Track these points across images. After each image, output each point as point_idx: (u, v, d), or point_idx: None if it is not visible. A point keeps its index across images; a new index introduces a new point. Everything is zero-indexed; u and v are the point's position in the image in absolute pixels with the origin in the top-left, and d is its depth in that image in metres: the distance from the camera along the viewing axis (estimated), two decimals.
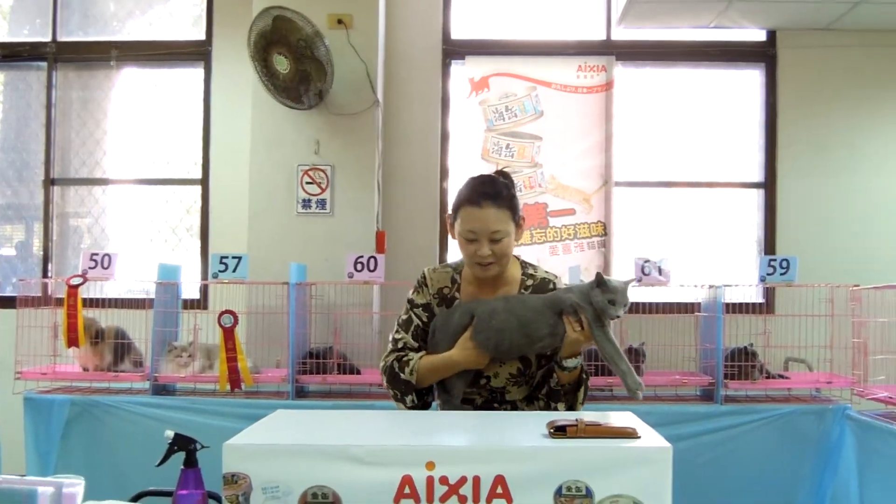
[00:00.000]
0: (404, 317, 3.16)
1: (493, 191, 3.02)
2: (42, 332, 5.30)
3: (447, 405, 2.97)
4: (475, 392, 3.02)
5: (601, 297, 2.75)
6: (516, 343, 2.85)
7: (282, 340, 5.33)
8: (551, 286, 3.12)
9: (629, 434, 1.81)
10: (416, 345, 3.10)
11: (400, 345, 3.09)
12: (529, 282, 3.14)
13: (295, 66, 5.67)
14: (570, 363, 2.85)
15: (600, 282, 2.74)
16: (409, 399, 2.97)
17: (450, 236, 3.18)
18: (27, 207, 7.22)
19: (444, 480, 1.69)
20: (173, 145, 7.09)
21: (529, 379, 3.05)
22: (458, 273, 3.18)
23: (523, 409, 3.03)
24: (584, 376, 2.98)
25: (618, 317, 2.76)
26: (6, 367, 5.26)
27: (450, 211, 3.15)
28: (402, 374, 2.96)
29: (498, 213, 2.97)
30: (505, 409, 3.01)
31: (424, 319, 3.13)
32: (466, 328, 2.93)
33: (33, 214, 7.16)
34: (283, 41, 5.61)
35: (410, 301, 3.18)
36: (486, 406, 3.01)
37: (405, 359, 3.02)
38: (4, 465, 5.17)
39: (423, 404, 3.03)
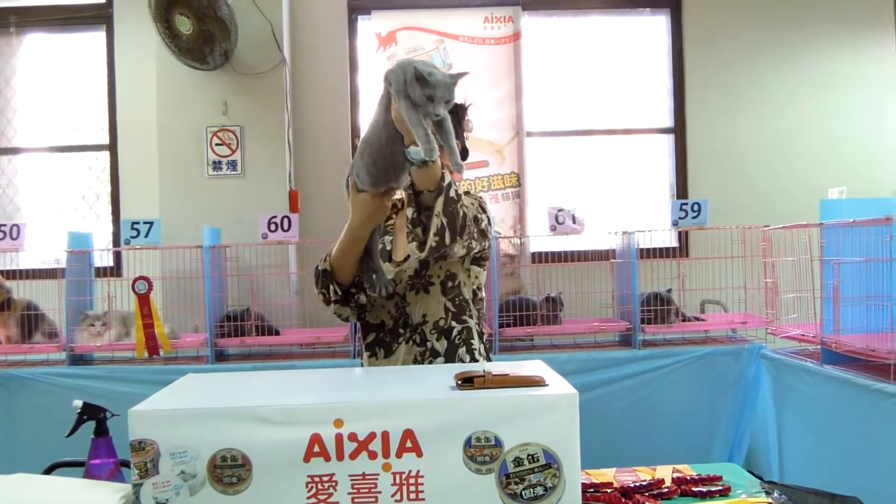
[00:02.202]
0: None
1: None
2: None
3: (372, 281, 2.78)
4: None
5: (419, 91, 2.37)
6: (374, 159, 2.56)
7: (198, 304, 5.30)
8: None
9: (536, 382, 1.82)
10: None
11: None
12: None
13: (198, 26, 5.59)
14: (412, 152, 2.43)
15: (419, 76, 2.37)
16: (330, 290, 2.83)
17: None
18: None
19: (352, 437, 1.69)
20: (79, 111, 6.96)
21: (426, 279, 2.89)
22: None
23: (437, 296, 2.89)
24: (444, 184, 2.53)
25: (437, 115, 2.38)
26: None
27: None
28: (319, 266, 2.87)
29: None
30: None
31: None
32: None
33: None
34: (185, 2, 5.53)
35: None
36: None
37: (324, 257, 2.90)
38: None
39: (345, 299, 2.85)
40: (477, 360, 2.88)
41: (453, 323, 2.87)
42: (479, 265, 2.97)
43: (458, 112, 3.03)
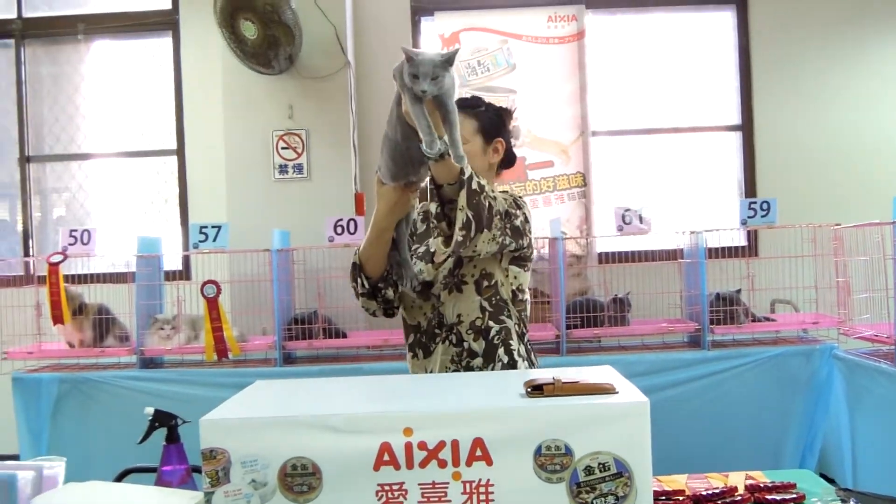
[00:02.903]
0: None
1: (469, 102, 2.98)
2: (26, 312, 5.28)
3: (401, 274, 2.80)
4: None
5: (407, 71, 2.40)
6: (392, 154, 2.62)
7: (266, 307, 5.34)
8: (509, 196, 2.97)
9: (606, 390, 1.80)
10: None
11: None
12: None
13: (262, 31, 5.63)
14: (425, 149, 2.43)
15: (406, 57, 2.39)
16: (358, 285, 2.87)
17: None
18: (6, 186, 7.20)
19: (422, 446, 1.68)
20: (147, 117, 7.05)
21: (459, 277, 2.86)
22: None
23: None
24: (464, 177, 2.51)
25: (423, 92, 2.35)
26: None
27: None
28: (352, 260, 2.89)
29: (466, 119, 2.88)
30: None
31: (412, 231, 2.99)
32: None
33: (12, 193, 7.12)
34: (249, 6, 5.56)
35: None
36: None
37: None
38: None
39: (373, 293, 2.88)
40: (516, 361, 2.86)
41: (491, 323, 2.84)
42: (518, 265, 2.93)
43: (503, 115, 3.02)
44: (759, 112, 6.72)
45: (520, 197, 2.95)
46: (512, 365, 2.84)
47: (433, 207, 2.55)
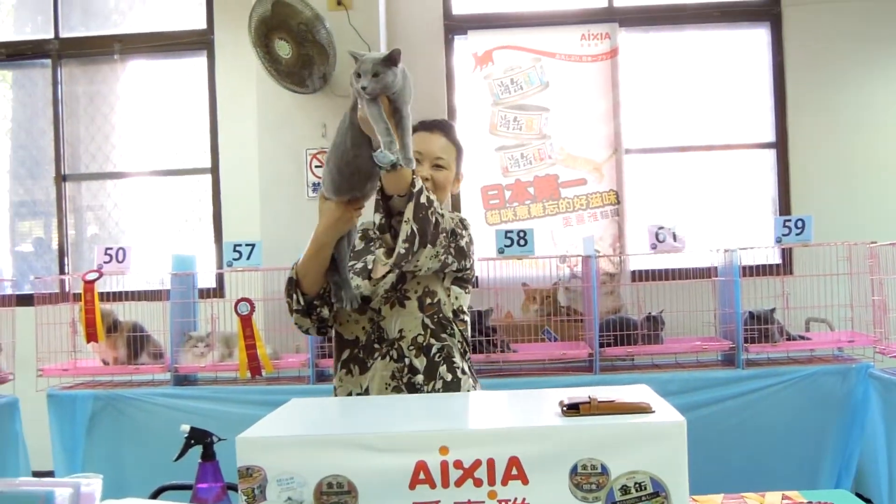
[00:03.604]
0: None
1: (447, 126, 3.04)
2: (61, 329, 5.31)
3: (340, 295, 2.75)
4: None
5: (353, 73, 2.42)
6: (339, 165, 2.57)
7: None
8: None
9: (643, 409, 1.79)
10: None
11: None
12: None
13: (297, 50, 5.66)
14: (380, 156, 2.40)
15: (353, 55, 2.44)
16: (293, 301, 2.82)
17: None
18: (42, 204, 7.26)
19: (458, 464, 1.68)
20: (181, 135, 7.11)
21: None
22: None
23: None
24: (414, 189, 2.48)
25: (364, 89, 2.36)
26: (28, 364, 5.27)
27: None
28: (288, 274, 2.84)
29: (447, 144, 2.96)
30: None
31: (353, 246, 2.96)
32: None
33: (48, 211, 7.19)
34: (284, 26, 5.60)
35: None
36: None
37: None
38: (32, 464, 5.21)
39: (307, 310, 2.83)
40: (460, 379, 2.81)
41: (432, 340, 2.81)
42: (460, 286, 2.91)
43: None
44: (794, 129, 6.68)
45: (465, 218, 2.95)
46: (455, 382, 2.80)
47: (377, 218, 2.55)
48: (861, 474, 5.03)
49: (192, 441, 2.31)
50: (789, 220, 5.07)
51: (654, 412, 1.79)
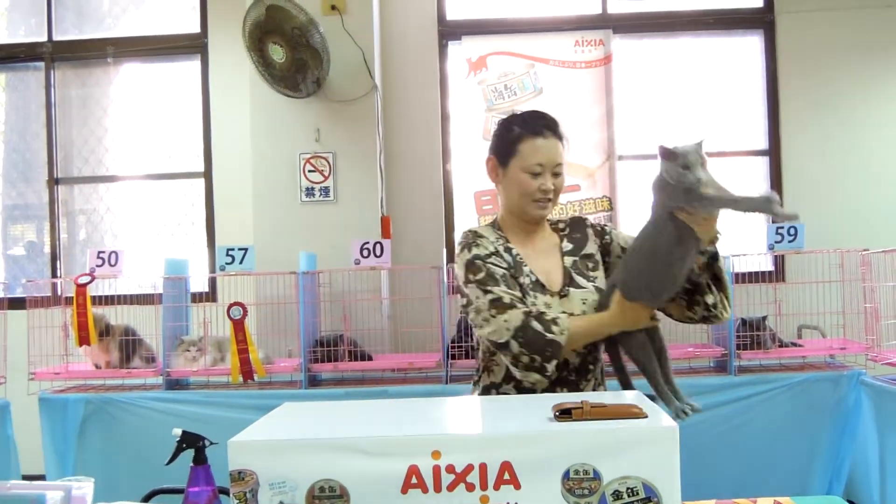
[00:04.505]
0: (480, 275, 2.72)
1: (555, 122, 2.88)
2: (53, 332, 5.31)
3: (669, 405, 2.70)
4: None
5: (674, 168, 2.41)
6: (668, 263, 2.54)
7: (292, 330, 5.34)
8: (585, 220, 3.02)
9: (635, 414, 1.79)
10: (520, 295, 2.71)
11: (508, 299, 2.65)
12: (561, 224, 3.01)
13: (291, 54, 5.65)
14: (711, 248, 2.56)
15: (665, 154, 2.42)
16: (551, 366, 2.58)
17: (493, 180, 2.99)
18: (34, 207, 7.25)
19: (450, 469, 1.68)
20: (174, 139, 7.10)
21: None
22: (495, 226, 2.94)
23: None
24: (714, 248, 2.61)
25: (699, 180, 2.37)
26: (19, 368, 5.26)
27: (491, 153, 2.98)
28: (548, 334, 2.57)
29: (559, 145, 2.85)
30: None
31: (504, 266, 2.77)
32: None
33: (40, 214, 7.18)
34: (278, 30, 5.59)
35: (474, 258, 2.76)
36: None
37: (546, 316, 2.62)
38: (23, 467, 5.20)
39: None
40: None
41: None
42: None
43: None
44: (787, 137, 6.70)
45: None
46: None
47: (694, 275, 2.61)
48: (852, 481, 5.03)
49: (184, 445, 2.31)
50: (782, 228, 5.08)
51: (646, 417, 1.79)
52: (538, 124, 2.84)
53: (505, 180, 2.89)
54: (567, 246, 2.92)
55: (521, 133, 2.83)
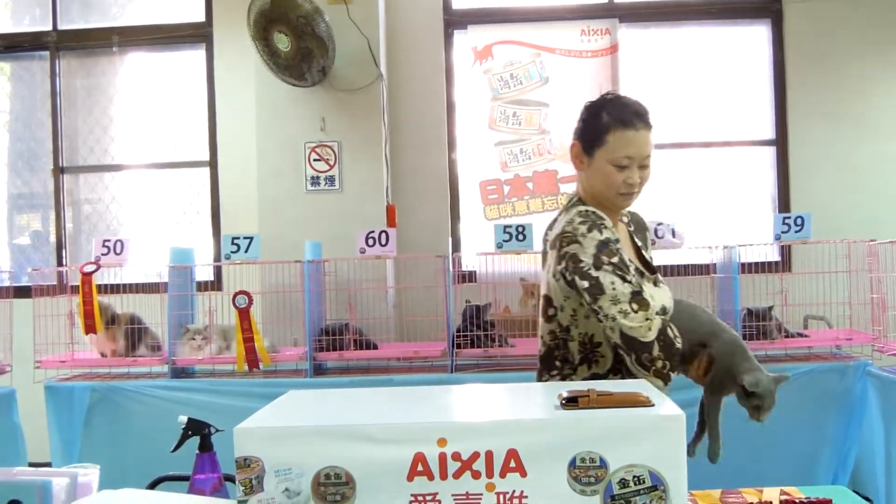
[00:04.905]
0: (615, 259, 2.59)
1: (645, 112, 2.81)
2: (59, 321, 5.32)
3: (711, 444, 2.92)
4: None
5: (746, 402, 2.66)
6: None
7: (297, 319, 5.34)
8: (647, 228, 3.12)
9: (642, 402, 1.78)
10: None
11: (647, 295, 2.59)
12: (624, 218, 2.99)
13: (296, 43, 5.65)
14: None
15: (748, 390, 2.61)
16: (674, 375, 2.63)
17: (577, 167, 2.90)
18: (39, 196, 7.26)
19: (456, 456, 1.67)
20: (180, 128, 7.10)
21: None
22: (594, 212, 2.74)
23: None
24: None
25: (759, 421, 2.63)
26: (26, 356, 5.27)
27: (575, 138, 2.87)
28: (677, 342, 2.59)
29: (649, 136, 2.78)
30: None
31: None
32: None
33: (46, 203, 7.19)
34: (283, 19, 5.58)
35: (608, 241, 2.62)
36: None
37: (672, 325, 2.63)
38: (29, 455, 5.21)
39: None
40: None
41: None
42: None
43: None
44: (794, 126, 6.68)
45: None
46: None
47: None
48: (858, 471, 5.02)
49: (190, 432, 2.31)
50: (788, 218, 5.06)
51: (653, 406, 1.78)
52: (629, 113, 2.77)
53: (589, 169, 2.80)
54: (638, 241, 2.94)
55: (609, 122, 2.74)
